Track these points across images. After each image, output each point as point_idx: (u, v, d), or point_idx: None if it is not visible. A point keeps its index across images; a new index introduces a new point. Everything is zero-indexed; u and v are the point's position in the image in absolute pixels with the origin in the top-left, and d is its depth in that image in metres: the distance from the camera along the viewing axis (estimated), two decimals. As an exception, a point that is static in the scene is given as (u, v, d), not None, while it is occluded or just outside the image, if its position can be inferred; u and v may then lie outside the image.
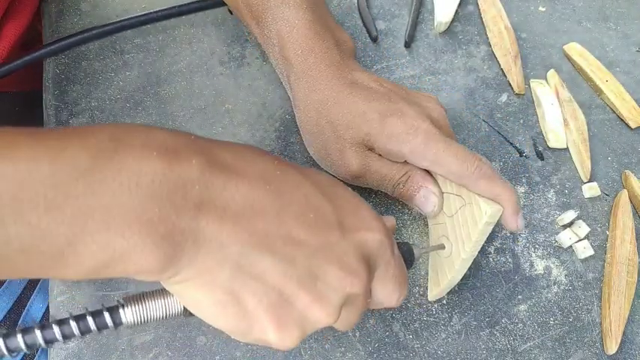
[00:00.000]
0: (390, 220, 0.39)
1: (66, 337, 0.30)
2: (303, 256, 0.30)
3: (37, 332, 0.29)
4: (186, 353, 0.42)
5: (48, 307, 0.50)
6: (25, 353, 0.58)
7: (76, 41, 0.51)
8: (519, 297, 0.45)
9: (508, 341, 0.44)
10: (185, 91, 0.52)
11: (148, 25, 0.55)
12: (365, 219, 0.33)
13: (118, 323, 0.31)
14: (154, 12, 0.53)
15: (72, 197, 0.25)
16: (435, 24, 0.56)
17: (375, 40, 0.55)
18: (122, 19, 0.52)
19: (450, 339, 0.43)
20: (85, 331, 0.30)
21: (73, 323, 0.30)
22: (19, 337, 0.29)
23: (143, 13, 0.52)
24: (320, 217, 0.31)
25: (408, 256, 0.38)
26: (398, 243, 0.38)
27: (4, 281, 0.56)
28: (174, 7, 0.53)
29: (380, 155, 0.43)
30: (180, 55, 0.54)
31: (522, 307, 0.45)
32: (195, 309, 0.31)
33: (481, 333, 0.44)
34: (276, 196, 0.30)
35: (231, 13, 0.55)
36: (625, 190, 0.49)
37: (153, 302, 0.32)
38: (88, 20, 0.55)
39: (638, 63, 0.56)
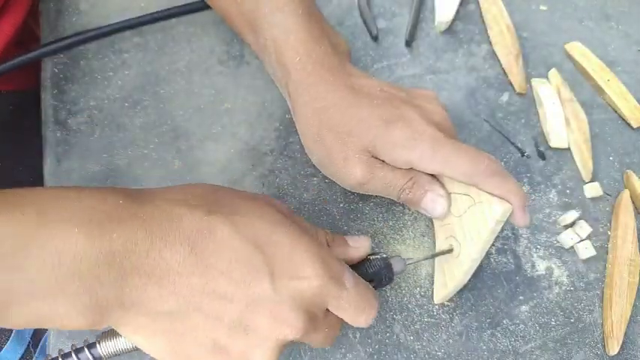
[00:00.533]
0: (361, 246, 0.39)
1: None
2: (232, 311, 0.32)
3: None
4: (185, 354, 0.42)
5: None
6: (24, 353, 0.58)
7: (74, 42, 0.51)
8: (521, 298, 0.45)
9: (509, 342, 0.43)
10: (184, 91, 0.52)
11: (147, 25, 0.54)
12: (299, 266, 0.33)
13: (96, 357, 0.35)
14: (153, 13, 0.52)
15: (1, 270, 0.27)
16: (436, 23, 0.56)
17: (375, 39, 0.55)
18: (121, 20, 0.52)
19: (451, 340, 0.43)
20: None
21: None
22: None
23: (142, 14, 0.52)
24: (249, 270, 0.32)
25: (385, 272, 0.39)
26: (375, 259, 0.39)
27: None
28: (173, 7, 0.53)
29: (384, 162, 0.42)
30: (180, 55, 0.53)
31: (524, 307, 0.45)
32: (150, 353, 0.33)
33: (482, 334, 0.43)
34: (200, 257, 0.31)
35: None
36: (627, 190, 0.49)
37: (120, 340, 0.35)
38: (87, 19, 0.54)
39: (640, 62, 0.56)
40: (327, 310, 0.35)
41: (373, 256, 0.39)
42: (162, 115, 0.50)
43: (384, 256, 0.40)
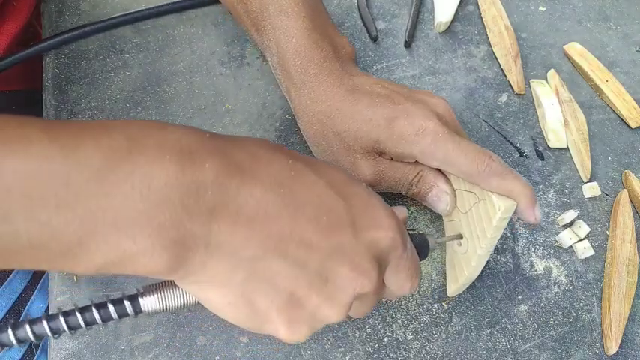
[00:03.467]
0: (402, 212, 0.38)
1: (87, 323, 0.31)
2: (315, 259, 0.30)
3: (61, 318, 0.30)
4: (186, 353, 0.42)
5: (48, 307, 0.50)
6: (25, 353, 0.58)
7: (74, 36, 0.51)
8: (519, 297, 0.45)
9: (508, 341, 0.44)
10: (185, 91, 0.52)
11: (148, 25, 0.55)
12: (377, 217, 0.32)
13: (137, 311, 0.32)
14: (154, 7, 0.53)
15: (83, 197, 0.25)
16: (435, 24, 0.56)
17: (375, 40, 0.55)
18: (122, 13, 0.52)
19: (450, 339, 0.43)
20: (106, 319, 0.31)
21: (95, 310, 0.31)
22: (41, 323, 0.30)
23: (142, 8, 0.52)
24: (333, 218, 0.31)
25: (423, 247, 0.39)
26: (412, 234, 0.38)
27: (4, 280, 0.56)
28: (175, 2, 0.53)
29: (391, 159, 0.42)
30: (180, 55, 0.53)
31: (522, 307, 0.45)
32: (208, 306, 0.31)
33: (481, 333, 0.44)
34: (289, 199, 0.30)
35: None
36: (625, 190, 0.49)
37: (171, 291, 0.32)
38: (88, 20, 0.54)
39: (638, 63, 0.56)
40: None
41: (411, 231, 0.39)
42: (163, 115, 0.51)
43: (422, 233, 0.39)
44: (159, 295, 0.32)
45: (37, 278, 0.58)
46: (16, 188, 0.24)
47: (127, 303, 0.32)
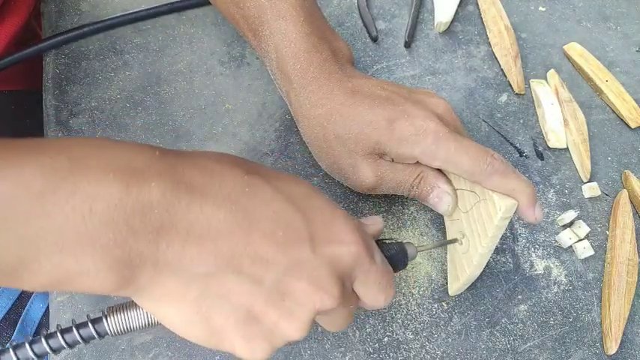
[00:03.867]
0: (377, 223, 0.38)
1: (54, 350, 0.31)
2: (271, 275, 0.30)
3: (27, 347, 0.31)
4: (186, 353, 0.42)
5: (48, 307, 0.50)
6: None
7: (74, 36, 0.51)
8: (519, 297, 0.45)
9: (508, 341, 0.44)
10: (185, 91, 0.52)
11: (148, 25, 0.55)
12: (338, 231, 0.32)
13: (102, 334, 0.32)
14: (153, 7, 0.53)
15: (24, 218, 0.25)
16: (435, 24, 0.56)
17: (375, 40, 0.55)
18: (122, 14, 0.52)
19: (450, 339, 0.43)
20: (72, 344, 0.31)
21: (59, 336, 0.31)
22: (11, 353, 0.31)
23: (141, 8, 0.52)
24: (290, 233, 0.30)
25: (401, 257, 0.38)
26: (390, 244, 0.38)
27: None
28: (175, 2, 0.53)
29: (392, 161, 0.42)
30: (180, 55, 0.54)
31: (522, 307, 0.45)
32: (167, 324, 0.31)
33: (481, 333, 0.44)
34: (242, 215, 0.29)
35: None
36: (625, 190, 0.49)
37: (134, 312, 0.32)
38: (88, 20, 0.54)
39: (638, 63, 0.56)
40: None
41: (388, 241, 0.39)
42: (163, 115, 0.51)
43: (399, 241, 0.39)
44: (122, 315, 0.32)
45: None
46: None
47: (90, 327, 0.32)
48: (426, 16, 0.57)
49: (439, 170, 0.42)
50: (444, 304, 0.45)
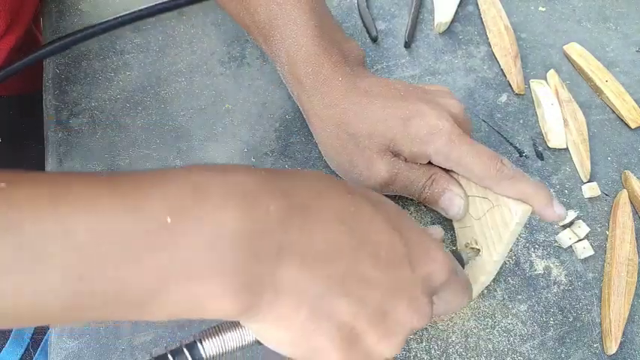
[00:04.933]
0: (439, 232, 0.39)
1: None
2: (375, 296, 0.30)
3: None
4: (186, 353, 0.42)
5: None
6: (24, 353, 0.58)
7: (72, 41, 0.51)
8: (519, 297, 0.45)
9: (508, 341, 0.44)
10: (185, 91, 0.52)
11: (148, 25, 0.55)
12: (430, 251, 0.33)
13: (197, 358, 0.31)
14: (152, 6, 0.53)
15: (152, 250, 0.25)
16: (435, 24, 0.56)
17: (374, 40, 0.55)
18: (119, 15, 0.52)
19: (449, 339, 0.43)
20: None
21: None
22: None
23: (140, 8, 0.52)
24: (391, 253, 0.31)
25: (459, 262, 0.39)
26: (452, 250, 0.40)
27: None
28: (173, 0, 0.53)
29: (406, 160, 0.42)
30: (181, 55, 0.54)
31: (522, 307, 0.45)
32: (268, 344, 0.31)
33: (481, 333, 0.44)
34: (350, 236, 0.30)
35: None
36: (625, 190, 0.49)
37: (228, 334, 0.32)
38: (88, 20, 0.55)
39: (638, 63, 0.56)
40: None
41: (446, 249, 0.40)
42: (163, 115, 0.51)
43: (453, 248, 0.40)
44: (217, 338, 0.32)
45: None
46: (88, 247, 0.24)
47: (186, 352, 0.31)
48: (426, 16, 0.57)
49: (451, 174, 0.43)
50: (443, 304, 0.45)
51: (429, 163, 0.43)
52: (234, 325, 0.32)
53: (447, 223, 0.47)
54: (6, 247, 0.23)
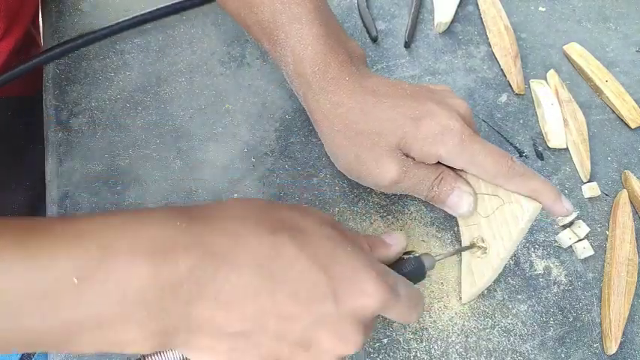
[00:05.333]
0: (399, 243, 0.39)
1: None
2: (296, 330, 0.32)
3: None
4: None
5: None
6: (24, 353, 0.58)
7: (75, 46, 0.51)
8: (519, 297, 0.45)
9: (508, 341, 0.44)
10: (185, 91, 0.52)
11: (148, 26, 0.55)
12: (361, 284, 0.33)
13: None
14: (153, 10, 0.53)
15: (62, 306, 0.28)
16: (435, 24, 0.56)
17: (374, 40, 0.55)
18: (121, 20, 0.52)
19: (449, 339, 0.43)
20: None
21: None
22: None
23: (142, 12, 0.52)
24: (313, 291, 0.32)
25: (418, 271, 0.40)
26: (408, 259, 0.39)
27: None
28: (174, 3, 0.53)
29: (414, 159, 0.42)
30: (181, 56, 0.54)
31: (522, 307, 0.45)
32: None
33: (481, 333, 0.44)
34: (268, 278, 0.31)
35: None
36: (625, 190, 0.49)
37: (169, 354, 0.34)
38: (88, 20, 0.55)
39: (638, 63, 0.56)
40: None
41: (406, 255, 0.40)
42: (163, 115, 0.51)
43: (417, 255, 0.40)
44: (158, 357, 0.34)
45: None
46: (1, 303, 0.27)
47: None
48: (425, 16, 0.57)
49: (458, 173, 0.43)
50: (443, 304, 0.45)
51: (437, 162, 0.42)
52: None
53: (447, 223, 0.47)
54: None
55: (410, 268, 0.39)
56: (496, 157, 0.40)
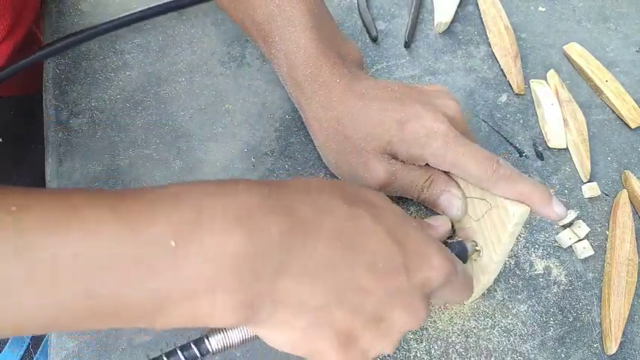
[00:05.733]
0: (444, 224, 0.40)
1: None
2: (371, 303, 0.32)
3: None
4: (186, 353, 0.42)
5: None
6: (24, 353, 0.58)
7: (72, 42, 0.51)
8: (519, 297, 0.45)
9: (508, 341, 0.44)
10: (185, 91, 0.52)
11: (148, 25, 0.55)
12: (429, 257, 0.34)
13: (204, 353, 0.34)
14: (152, 7, 0.53)
15: (156, 272, 0.27)
16: (435, 24, 0.56)
17: (374, 40, 0.55)
18: (120, 16, 0.52)
19: (450, 339, 0.43)
20: None
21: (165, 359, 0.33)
22: None
23: (140, 9, 0.52)
24: (388, 264, 0.32)
25: (463, 255, 0.40)
26: (452, 243, 0.40)
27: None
28: (173, 1, 0.53)
29: (403, 162, 0.43)
30: (181, 55, 0.54)
31: (522, 307, 0.45)
32: (271, 344, 0.33)
33: (481, 333, 0.44)
34: (348, 249, 0.31)
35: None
36: (625, 190, 0.49)
37: (233, 330, 0.34)
38: (88, 20, 0.55)
39: (638, 63, 0.56)
40: None
41: (450, 240, 0.41)
42: (163, 115, 0.51)
43: (459, 239, 0.41)
44: (223, 334, 0.34)
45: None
46: (95, 269, 0.26)
47: (194, 347, 0.33)
48: (425, 16, 0.57)
49: (449, 175, 0.43)
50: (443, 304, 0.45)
51: (427, 164, 0.43)
52: None
53: (447, 223, 0.47)
54: (19, 269, 0.25)
55: (455, 252, 0.39)
56: (480, 160, 0.39)
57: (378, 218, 0.33)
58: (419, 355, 0.43)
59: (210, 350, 0.33)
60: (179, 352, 0.33)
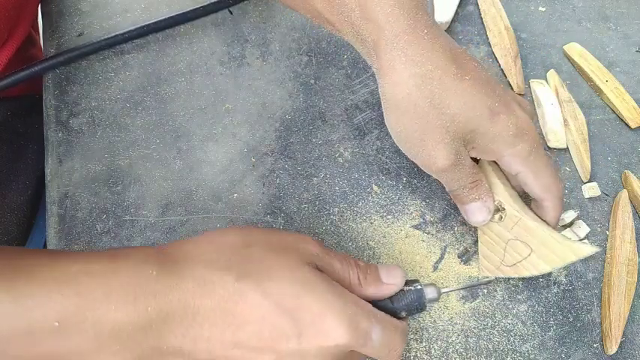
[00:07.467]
0: (395, 283, 0.38)
1: None
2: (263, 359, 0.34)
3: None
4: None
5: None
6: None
7: (76, 55, 0.51)
8: (519, 297, 0.45)
9: (508, 341, 0.44)
10: (185, 91, 0.52)
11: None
12: (327, 328, 0.34)
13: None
14: (156, 21, 0.52)
15: (45, 343, 0.31)
16: (435, 24, 0.56)
17: (375, 40, 0.55)
18: (124, 31, 0.51)
19: (450, 339, 0.43)
20: None
21: None
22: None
23: (144, 24, 0.52)
24: (276, 332, 0.33)
25: (417, 304, 0.38)
26: (409, 290, 0.38)
27: None
28: (175, 15, 0.53)
29: (467, 153, 0.40)
30: (181, 55, 0.54)
31: (522, 307, 0.45)
32: None
33: (481, 333, 0.44)
34: (231, 321, 0.33)
35: (231, 13, 0.55)
36: (625, 190, 0.49)
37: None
38: (88, 20, 0.55)
39: (638, 63, 0.56)
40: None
41: (407, 287, 0.39)
42: (163, 115, 0.51)
43: (419, 287, 0.39)
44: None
45: None
46: None
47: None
48: (426, 16, 0.57)
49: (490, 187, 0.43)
50: (443, 304, 0.45)
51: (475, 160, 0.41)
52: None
53: (448, 224, 0.47)
54: None
55: (407, 301, 0.38)
56: (555, 176, 0.41)
57: (268, 292, 0.33)
58: (419, 355, 0.43)
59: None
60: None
